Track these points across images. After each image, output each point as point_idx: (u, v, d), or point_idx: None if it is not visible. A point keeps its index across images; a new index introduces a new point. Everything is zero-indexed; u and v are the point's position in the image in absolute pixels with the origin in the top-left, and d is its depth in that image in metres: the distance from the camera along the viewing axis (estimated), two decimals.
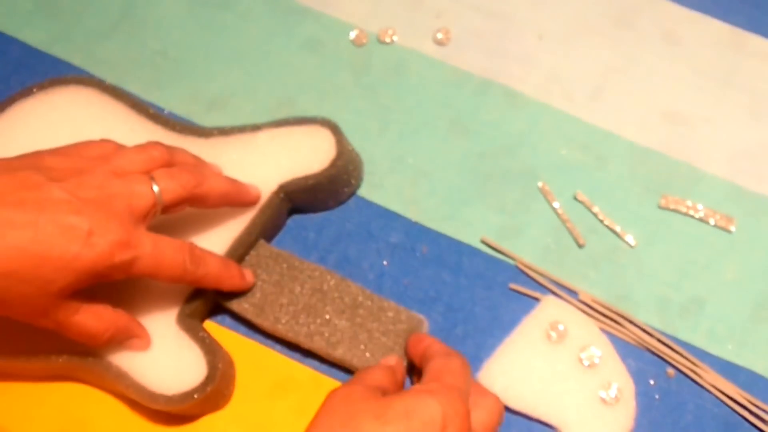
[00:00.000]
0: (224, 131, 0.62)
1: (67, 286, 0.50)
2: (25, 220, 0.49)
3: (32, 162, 0.53)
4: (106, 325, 0.54)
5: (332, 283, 0.58)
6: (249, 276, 0.58)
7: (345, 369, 0.58)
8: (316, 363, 0.58)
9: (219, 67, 0.69)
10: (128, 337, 0.56)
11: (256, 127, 0.62)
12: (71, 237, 0.50)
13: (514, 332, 0.59)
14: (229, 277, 0.57)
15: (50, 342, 0.56)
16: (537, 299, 0.60)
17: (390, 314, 0.57)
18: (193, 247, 0.55)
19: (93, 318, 0.53)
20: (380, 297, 0.58)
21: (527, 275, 0.61)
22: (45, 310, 0.51)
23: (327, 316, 0.57)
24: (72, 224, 0.50)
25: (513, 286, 0.60)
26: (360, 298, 0.58)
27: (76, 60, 0.69)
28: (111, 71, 0.68)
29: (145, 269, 0.52)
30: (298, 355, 0.59)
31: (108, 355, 0.56)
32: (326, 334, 0.57)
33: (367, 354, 0.56)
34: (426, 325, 0.58)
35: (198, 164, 0.58)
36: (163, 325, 0.57)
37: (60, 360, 0.56)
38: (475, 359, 0.58)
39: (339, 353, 0.57)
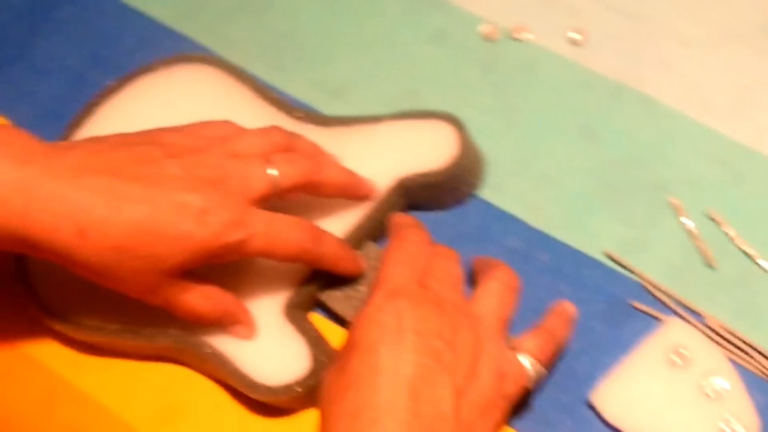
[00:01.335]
0: (345, 121, 0.60)
1: (178, 264, 0.50)
2: (140, 195, 0.49)
3: (150, 138, 0.53)
4: (214, 306, 0.53)
5: None
6: (361, 262, 0.57)
7: None
8: None
9: (343, 54, 0.67)
10: (234, 322, 0.55)
11: (377, 119, 0.60)
12: (185, 215, 0.49)
13: (633, 353, 0.56)
14: (346, 258, 0.56)
15: (156, 321, 0.55)
16: (660, 320, 0.57)
17: None
18: (311, 224, 0.54)
19: (202, 298, 0.53)
20: None
21: (651, 293, 0.58)
22: (155, 287, 0.51)
23: None
24: (186, 202, 0.49)
25: (635, 303, 0.57)
26: None
27: (202, 38, 0.69)
28: (235, 51, 0.68)
29: (260, 248, 0.51)
30: None
31: (212, 339, 0.55)
32: None
33: None
34: None
35: (317, 152, 0.57)
36: (269, 314, 0.56)
37: (164, 341, 0.55)
38: (588, 377, 0.55)
39: None
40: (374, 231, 0.58)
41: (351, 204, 0.58)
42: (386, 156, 0.59)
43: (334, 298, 0.57)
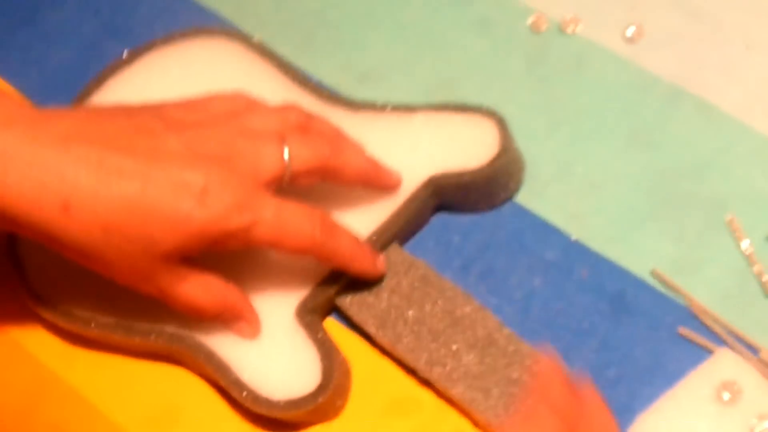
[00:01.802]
0: (376, 107, 0.56)
1: (174, 249, 0.46)
2: (134, 170, 0.45)
3: (152, 110, 0.49)
4: (215, 299, 0.49)
5: (468, 309, 0.51)
6: (381, 264, 0.52)
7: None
8: None
9: (377, 37, 0.63)
10: (236, 318, 0.50)
11: (411, 109, 0.56)
12: (183, 194, 0.45)
13: (678, 385, 0.51)
14: (362, 257, 0.51)
15: (152, 317, 0.51)
16: (710, 350, 0.52)
17: (527, 362, 0.50)
18: (324, 216, 0.49)
19: (201, 289, 0.49)
20: (519, 338, 0.51)
21: (700, 320, 0.53)
22: (147, 274, 0.47)
23: (454, 347, 0.50)
24: (185, 180, 0.45)
25: (683, 330, 0.52)
26: (496, 335, 0.51)
27: (225, 11, 0.65)
28: (261, 27, 0.64)
29: (267, 237, 0.47)
30: None
31: (211, 342, 0.51)
32: (448, 367, 0.50)
33: (490, 401, 0.49)
34: None
35: (337, 135, 0.52)
36: (279, 316, 0.51)
37: (159, 340, 0.51)
38: (626, 410, 0.50)
39: (457, 392, 0.49)
40: (401, 232, 0.54)
41: (376, 201, 0.54)
42: (419, 150, 0.55)
43: (352, 304, 0.52)
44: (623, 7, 0.62)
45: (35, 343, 0.55)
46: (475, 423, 0.50)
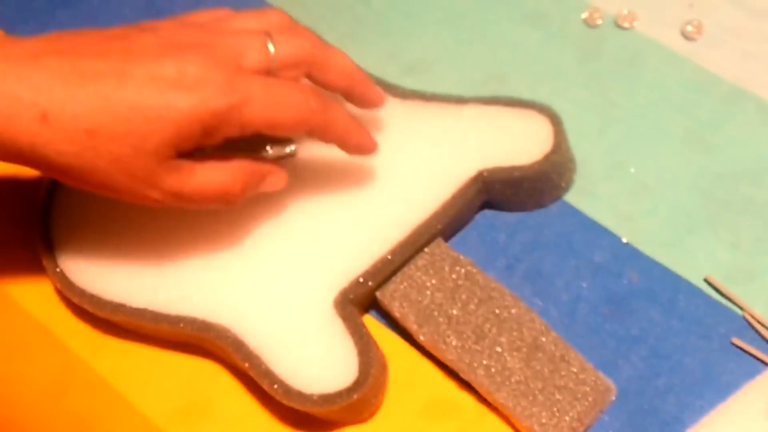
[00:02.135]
0: (425, 96, 0.54)
1: (164, 141, 0.44)
2: (108, 69, 0.43)
3: (130, 25, 0.47)
4: (233, 173, 0.47)
5: (514, 311, 0.49)
6: (375, 141, 0.50)
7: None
8: None
9: (425, 28, 0.61)
10: (262, 178, 0.48)
11: (462, 100, 0.54)
12: (163, 83, 0.43)
13: (730, 398, 0.49)
14: (359, 130, 0.49)
15: (180, 302, 0.49)
16: (765, 363, 0.49)
17: (573, 369, 0.48)
18: (315, 87, 0.47)
19: (215, 172, 0.46)
20: (567, 344, 0.48)
21: (756, 331, 0.50)
22: (149, 177, 0.45)
23: (498, 348, 0.48)
24: (163, 69, 0.43)
25: (736, 341, 0.50)
26: (543, 339, 0.48)
27: None
28: (306, 14, 0.62)
29: (259, 116, 0.45)
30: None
31: (240, 329, 0.48)
32: (492, 370, 0.48)
33: (534, 408, 0.47)
34: (613, 394, 0.48)
35: (321, 40, 0.50)
36: (316, 305, 0.49)
37: (187, 327, 0.49)
38: (675, 421, 0.48)
39: (500, 396, 0.47)
40: (446, 227, 0.52)
41: (422, 196, 0.51)
42: (468, 143, 0.52)
43: (393, 299, 0.50)
44: (681, 4, 0.60)
45: (64, 330, 0.53)
46: (518, 430, 0.48)
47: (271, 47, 0.46)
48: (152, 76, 0.43)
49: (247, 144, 0.47)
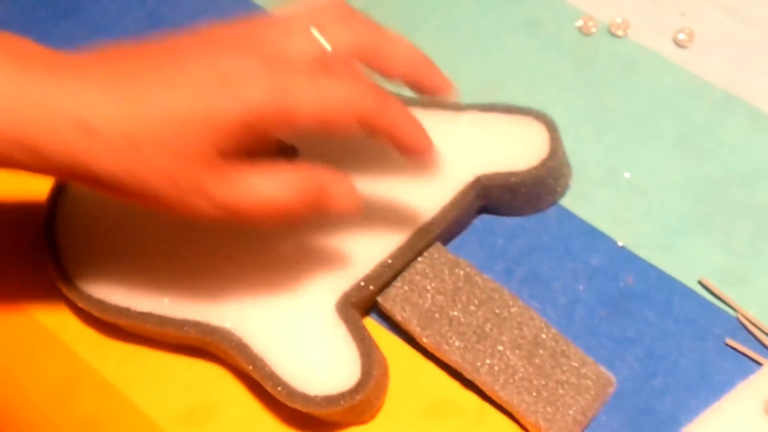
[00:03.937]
0: (424, 103, 0.55)
1: (206, 145, 0.41)
2: (148, 75, 0.41)
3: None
4: (293, 180, 0.43)
5: (514, 310, 0.50)
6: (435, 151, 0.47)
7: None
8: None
9: (423, 36, 0.60)
10: (329, 194, 0.44)
11: (459, 107, 0.54)
12: (202, 83, 0.41)
13: (724, 397, 0.49)
14: (418, 131, 0.45)
15: (184, 306, 0.50)
16: (758, 363, 0.50)
17: (574, 364, 0.48)
18: (371, 81, 0.44)
19: (267, 181, 0.42)
20: (567, 339, 0.49)
21: (749, 332, 0.51)
22: (195, 183, 0.42)
23: (500, 347, 0.49)
24: (203, 69, 0.41)
25: (730, 341, 0.51)
26: (543, 336, 0.49)
27: (273, 6, 0.64)
28: None
29: (313, 116, 0.42)
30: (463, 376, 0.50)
31: (244, 332, 0.49)
32: (495, 368, 0.49)
33: (539, 404, 0.48)
34: (613, 387, 0.49)
35: (380, 26, 0.46)
36: (319, 307, 0.50)
37: (192, 331, 0.50)
38: (671, 420, 0.49)
39: (504, 394, 0.48)
40: (445, 231, 0.52)
41: (421, 201, 0.52)
42: (466, 149, 0.53)
43: (395, 303, 0.51)
44: (673, 12, 0.61)
45: (70, 334, 0.54)
46: (524, 426, 0.49)
47: (321, 38, 0.43)
48: (191, 76, 0.41)
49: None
